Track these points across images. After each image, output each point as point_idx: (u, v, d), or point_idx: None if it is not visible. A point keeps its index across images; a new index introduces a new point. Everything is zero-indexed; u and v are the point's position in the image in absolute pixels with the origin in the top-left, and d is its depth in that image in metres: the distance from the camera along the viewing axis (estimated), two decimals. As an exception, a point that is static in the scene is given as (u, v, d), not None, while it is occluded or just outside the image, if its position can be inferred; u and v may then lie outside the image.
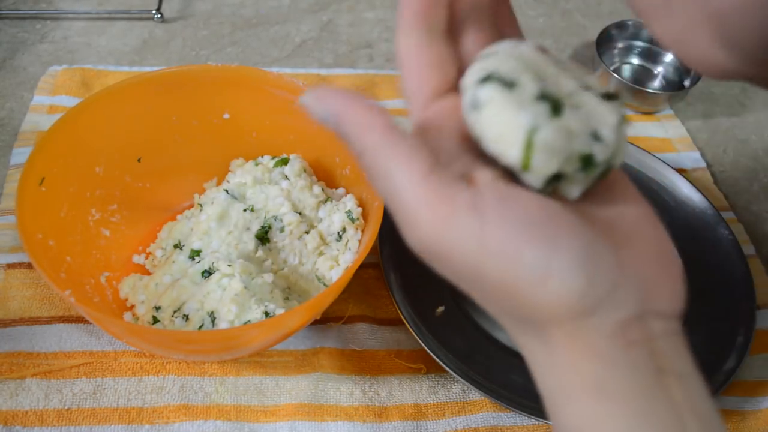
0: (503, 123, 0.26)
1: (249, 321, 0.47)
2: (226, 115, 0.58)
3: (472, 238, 0.24)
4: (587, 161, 0.26)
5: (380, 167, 0.26)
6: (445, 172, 0.25)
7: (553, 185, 0.27)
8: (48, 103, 0.67)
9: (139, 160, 0.56)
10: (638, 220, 0.28)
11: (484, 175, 0.26)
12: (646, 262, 0.27)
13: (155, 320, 0.50)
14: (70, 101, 0.67)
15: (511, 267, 0.24)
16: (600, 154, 0.26)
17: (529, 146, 0.26)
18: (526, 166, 0.26)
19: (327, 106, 0.27)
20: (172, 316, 0.50)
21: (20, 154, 0.62)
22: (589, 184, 0.28)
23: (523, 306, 0.25)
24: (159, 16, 0.79)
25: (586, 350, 0.25)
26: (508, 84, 0.26)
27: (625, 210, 0.28)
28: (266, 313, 0.48)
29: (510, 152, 0.26)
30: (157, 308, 0.50)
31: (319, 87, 0.27)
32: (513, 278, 0.24)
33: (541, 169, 0.26)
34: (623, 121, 0.28)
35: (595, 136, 0.27)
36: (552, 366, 0.26)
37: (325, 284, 0.53)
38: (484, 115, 0.26)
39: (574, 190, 0.27)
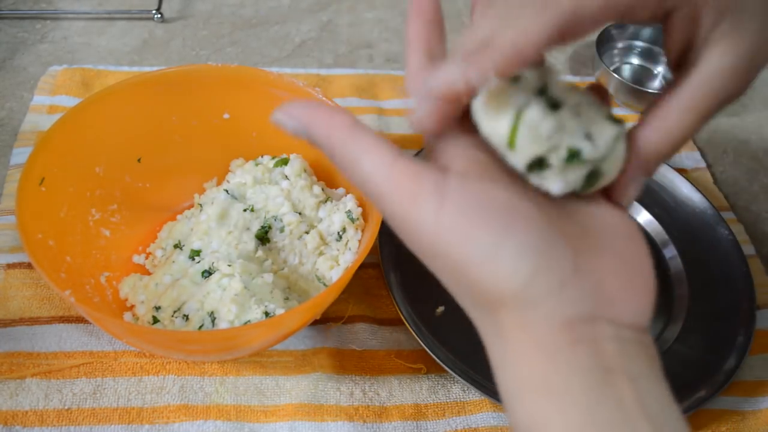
0: (497, 104, 0.27)
1: (249, 321, 0.47)
2: (226, 115, 0.58)
3: (430, 216, 0.26)
4: (574, 155, 0.27)
5: (349, 158, 0.28)
6: (411, 158, 0.27)
7: (537, 173, 0.27)
8: (48, 103, 0.67)
9: (139, 160, 0.56)
10: (617, 232, 0.29)
11: (459, 163, 0.28)
12: (612, 272, 0.27)
13: (155, 320, 0.50)
14: (70, 101, 0.67)
15: (462, 245, 0.26)
16: (589, 152, 0.27)
17: (516, 123, 0.26)
18: (511, 143, 0.27)
19: (295, 118, 0.29)
20: (172, 316, 0.50)
21: (20, 154, 0.62)
22: (576, 185, 0.28)
23: (474, 285, 0.26)
24: (159, 16, 0.79)
25: (532, 343, 0.26)
26: (514, 78, 0.27)
27: (607, 220, 0.29)
28: (266, 313, 0.48)
29: (498, 129, 0.27)
30: (157, 308, 0.50)
31: (286, 103, 0.29)
32: (464, 256, 0.26)
33: (524, 149, 0.27)
34: (621, 138, 0.28)
35: (588, 137, 0.27)
36: (505, 359, 0.27)
37: (325, 284, 0.53)
38: (482, 98, 0.27)
39: (556, 184, 0.28)
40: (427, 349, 0.50)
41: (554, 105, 0.27)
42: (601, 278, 0.27)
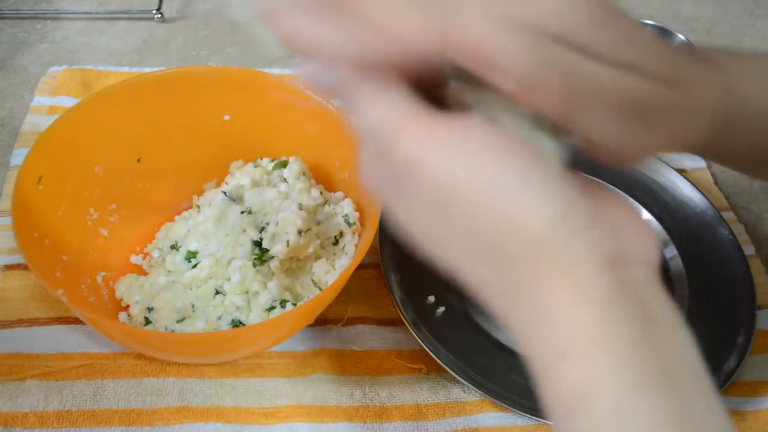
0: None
1: (245, 324, 0.47)
2: (227, 117, 0.57)
3: (451, 151, 0.25)
4: None
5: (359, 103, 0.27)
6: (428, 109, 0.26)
7: None
8: (48, 103, 0.67)
9: (138, 161, 0.56)
10: (612, 197, 0.29)
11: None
12: (617, 215, 0.27)
13: (147, 321, 0.50)
14: (70, 102, 0.67)
15: (488, 179, 0.25)
16: None
17: None
18: None
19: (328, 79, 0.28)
20: (168, 317, 0.50)
21: (20, 155, 0.62)
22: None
23: (500, 226, 0.25)
24: (159, 16, 0.79)
25: (580, 290, 0.25)
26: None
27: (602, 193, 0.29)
28: (263, 316, 0.47)
29: None
30: (150, 309, 0.50)
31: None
32: (488, 190, 0.25)
33: None
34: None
35: None
36: (544, 320, 0.26)
37: (320, 288, 0.52)
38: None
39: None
40: (427, 349, 0.50)
41: None
42: (612, 218, 0.27)
